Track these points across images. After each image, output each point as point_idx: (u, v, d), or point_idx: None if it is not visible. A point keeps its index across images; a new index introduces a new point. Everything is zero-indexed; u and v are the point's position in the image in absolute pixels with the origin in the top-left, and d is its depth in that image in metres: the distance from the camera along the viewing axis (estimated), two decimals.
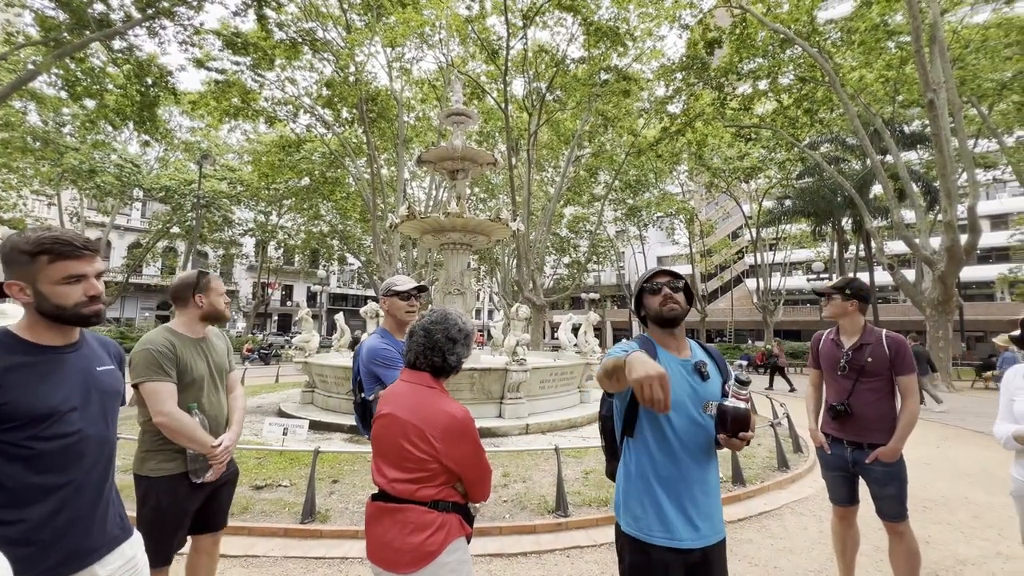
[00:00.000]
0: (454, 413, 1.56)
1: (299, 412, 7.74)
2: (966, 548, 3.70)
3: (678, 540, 1.52)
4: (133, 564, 1.44)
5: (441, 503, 1.55)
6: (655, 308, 1.67)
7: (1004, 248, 30.56)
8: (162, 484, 2.10)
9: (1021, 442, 2.19)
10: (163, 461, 2.11)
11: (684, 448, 1.57)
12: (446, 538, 1.52)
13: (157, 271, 34.38)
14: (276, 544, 3.50)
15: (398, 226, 8.88)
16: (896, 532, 2.63)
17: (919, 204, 15.81)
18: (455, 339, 1.68)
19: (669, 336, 1.69)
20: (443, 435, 1.53)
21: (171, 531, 2.12)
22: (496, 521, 3.86)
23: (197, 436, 2.09)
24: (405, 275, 2.92)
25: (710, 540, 1.56)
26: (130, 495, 3.96)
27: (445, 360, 1.66)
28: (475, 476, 1.61)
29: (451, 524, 1.55)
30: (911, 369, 2.62)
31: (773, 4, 16.34)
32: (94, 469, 1.37)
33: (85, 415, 1.35)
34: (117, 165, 23.92)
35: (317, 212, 29.99)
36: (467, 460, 1.58)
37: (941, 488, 5.17)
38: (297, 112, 20.71)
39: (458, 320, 1.71)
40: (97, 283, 1.38)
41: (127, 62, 14.46)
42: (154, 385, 2.05)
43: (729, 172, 26.43)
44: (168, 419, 2.04)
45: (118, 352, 1.61)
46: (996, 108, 19.03)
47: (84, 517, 1.32)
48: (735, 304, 37.57)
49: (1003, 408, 2.32)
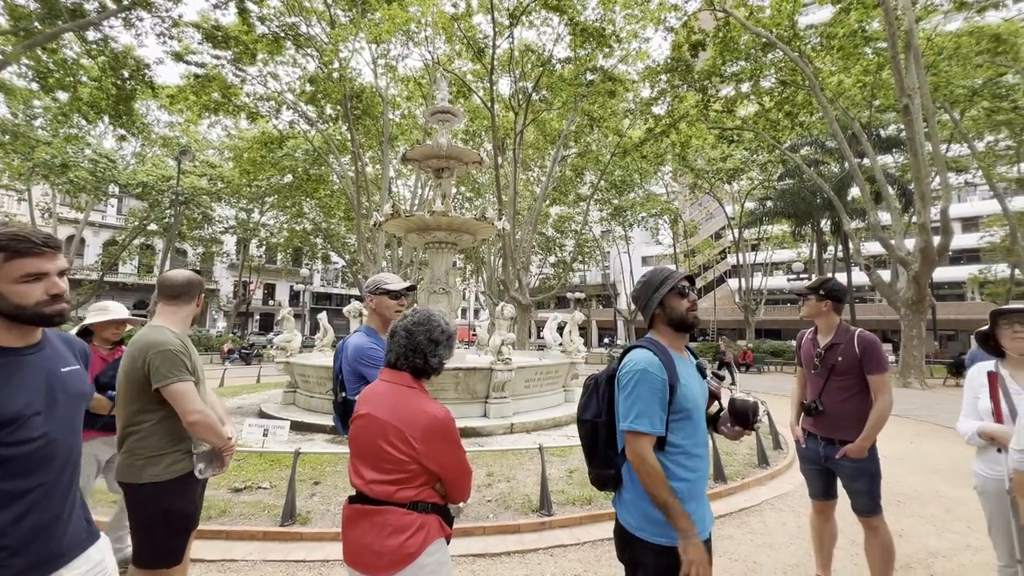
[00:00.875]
0: (435, 414, 1.54)
1: (280, 413, 7.62)
2: (937, 541, 3.80)
3: (699, 535, 1.56)
4: (101, 568, 1.40)
5: (420, 504, 1.53)
6: (680, 312, 1.68)
7: (975, 250, 31.58)
8: (174, 486, 2.08)
9: (985, 438, 2.26)
10: (173, 463, 2.08)
11: (702, 447, 1.66)
12: (425, 539, 1.50)
13: (134, 269, 33.51)
14: (255, 548, 3.44)
15: (382, 224, 8.79)
16: (870, 526, 2.68)
17: (895, 206, 16.25)
18: (437, 341, 1.66)
19: (681, 339, 1.73)
20: (423, 436, 1.51)
21: (185, 530, 2.15)
22: (480, 521, 3.85)
23: (220, 430, 2.14)
24: (391, 273, 2.91)
25: (708, 531, 1.64)
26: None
27: (427, 362, 1.64)
28: (455, 477, 1.60)
29: (430, 525, 1.53)
30: (882, 368, 2.65)
31: (756, 8, 16.62)
32: (62, 474, 1.32)
33: (50, 419, 1.30)
34: (91, 160, 23.24)
35: (300, 210, 29.58)
36: (447, 461, 1.56)
37: (914, 482, 5.32)
38: (280, 108, 20.39)
39: (441, 321, 1.69)
40: (59, 281, 1.33)
41: (102, 54, 14.05)
42: (184, 385, 2.05)
43: (712, 173, 26.82)
44: (203, 416, 2.05)
45: (83, 349, 1.55)
46: (967, 114, 19.65)
47: (50, 522, 1.28)
48: (718, 304, 38.13)
49: (967, 405, 2.38)
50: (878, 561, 2.67)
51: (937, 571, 3.31)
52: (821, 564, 2.98)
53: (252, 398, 10.02)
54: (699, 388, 1.67)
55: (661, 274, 1.73)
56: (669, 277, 1.71)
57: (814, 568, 3.05)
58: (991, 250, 28.23)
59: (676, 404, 1.59)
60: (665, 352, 1.65)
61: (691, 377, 1.66)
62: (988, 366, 2.37)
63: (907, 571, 3.29)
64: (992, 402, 2.27)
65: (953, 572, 3.29)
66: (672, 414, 1.59)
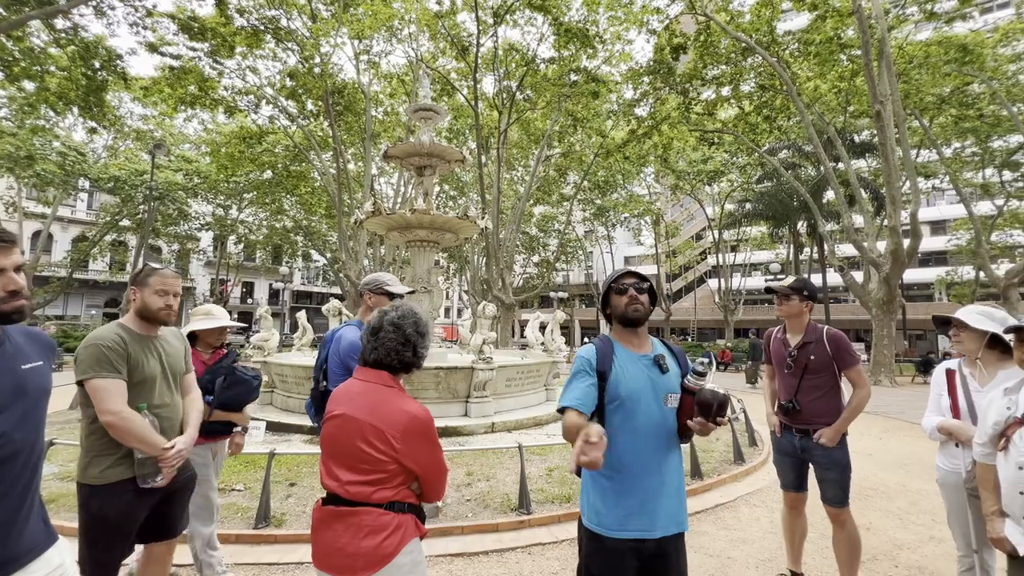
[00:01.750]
0: (415, 413, 1.54)
1: (257, 413, 7.46)
2: (903, 533, 3.93)
3: (632, 531, 1.56)
4: (60, 572, 1.37)
5: (397, 504, 1.52)
6: (620, 308, 1.73)
7: (942, 252, 32.73)
8: (106, 492, 1.94)
9: (944, 433, 2.35)
10: (108, 467, 1.95)
11: (644, 440, 1.62)
12: (402, 540, 1.49)
13: (105, 266, 32.45)
14: (226, 551, 3.35)
15: (364, 222, 8.70)
16: (838, 520, 2.76)
17: (867, 210, 16.72)
18: (423, 332, 1.67)
19: (632, 334, 1.75)
20: (403, 435, 1.49)
21: (116, 542, 1.98)
22: (458, 520, 3.84)
23: (148, 437, 1.95)
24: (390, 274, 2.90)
25: (667, 531, 1.59)
26: (65, 503, 3.71)
27: (416, 354, 1.64)
28: (433, 476, 1.60)
29: (407, 525, 1.53)
30: (855, 361, 2.75)
31: (736, 13, 16.92)
32: (21, 474, 1.29)
33: (10, 418, 1.26)
34: (60, 153, 22.39)
35: (280, 207, 29.04)
36: (426, 460, 1.56)
37: (882, 477, 5.49)
38: (259, 103, 19.97)
39: (422, 313, 1.71)
40: (16, 277, 1.28)
41: (71, 43, 13.54)
42: (101, 382, 1.91)
43: (693, 175, 27.24)
44: (116, 418, 1.89)
45: (48, 344, 1.50)
46: (936, 121, 20.34)
47: (6, 524, 1.25)
48: (698, 304, 38.72)
49: (931, 402, 2.48)
50: (845, 554, 2.75)
51: (902, 562, 3.42)
52: (792, 558, 3.05)
53: None
54: (644, 379, 1.66)
55: (610, 275, 1.81)
56: (610, 277, 1.79)
57: (786, 562, 3.12)
58: (957, 253, 29.30)
59: (609, 392, 1.64)
60: (609, 345, 1.72)
61: (634, 370, 1.67)
62: (950, 365, 2.46)
63: (874, 563, 3.39)
64: (950, 398, 2.36)
65: (917, 563, 3.40)
66: (608, 404, 1.65)
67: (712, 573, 3.25)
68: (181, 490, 2.22)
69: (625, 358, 1.68)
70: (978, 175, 24.24)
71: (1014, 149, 21.75)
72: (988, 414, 1.89)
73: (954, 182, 21.87)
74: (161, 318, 2.14)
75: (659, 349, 1.78)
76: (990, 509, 1.85)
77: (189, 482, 2.28)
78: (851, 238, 16.30)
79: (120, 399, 1.93)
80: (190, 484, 2.30)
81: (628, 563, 1.56)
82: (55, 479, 4.44)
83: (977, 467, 1.96)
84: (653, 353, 1.74)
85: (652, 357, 1.71)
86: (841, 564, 2.78)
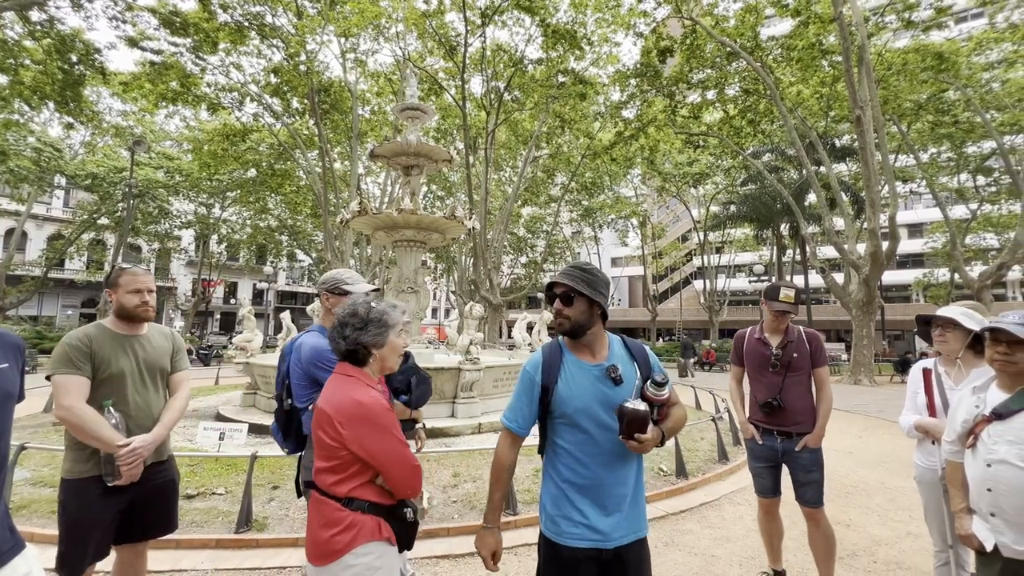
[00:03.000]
0: (360, 399, 1.53)
1: (239, 416, 7.35)
2: (882, 529, 4.01)
3: (586, 540, 1.52)
4: None
5: (356, 501, 1.52)
6: (553, 317, 1.66)
7: (919, 255, 33.61)
8: (72, 487, 1.96)
9: (921, 431, 2.41)
10: (76, 462, 1.97)
11: (594, 451, 1.55)
12: (354, 540, 1.48)
13: (82, 265, 31.62)
14: (206, 556, 3.29)
15: (350, 222, 8.60)
16: (814, 519, 2.82)
17: (847, 212, 17.10)
18: (367, 320, 1.66)
19: (579, 343, 1.63)
20: (348, 421, 1.50)
21: (80, 540, 1.93)
22: (445, 522, 3.82)
23: (100, 433, 1.91)
24: (354, 270, 2.78)
25: (624, 540, 1.54)
26: (37, 509, 3.61)
27: (360, 343, 1.64)
28: (388, 467, 1.53)
29: (363, 526, 1.50)
30: (826, 361, 2.92)
31: (721, 18, 17.16)
32: None
33: None
34: (35, 148, 21.79)
35: (264, 206, 28.62)
36: (374, 448, 1.52)
37: (862, 475, 5.59)
38: (243, 100, 19.64)
39: (364, 304, 1.69)
40: None
41: (47, 36, 13.20)
42: (60, 378, 1.94)
43: (679, 177, 27.54)
44: (68, 413, 1.90)
45: (14, 344, 1.46)
46: (913, 127, 20.89)
47: None
48: (684, 304, 39.14)
49: (908, 401, 2.54)
50: (823, 550, 2.81)
51: (880, 558, 3.49)
52: (772, 558, 3.10)
53: (210, 400, 9.62)
54: (592, 392, 1.55)
55: None
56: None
57: (767, 560, 3.16)
58: (934, 255, 30.11)
59: (553, 407, 1.59)
60: (558, 353, 1.63)
61: (580, 380, 1.57)
62: (926, 364, 2.51)
63: (853, 559, 3.45)
64: (927, 397, 2.41)
65: (895, 558, 3.48)
66: (554, 418, 1.61)
67: (697, 571, 3.28)
68: (159, 492, 2.16)
69: (574, 369, 1.58)
70: (953, 180, 24.93)
71: (987, 155, 22.43)
72: (957, 412, 1.93)
73: (930, 186, 22.46)
74: (139, 315, 2.15)
75: (615, 356, 1.62)
76: (958, 506, 1.89)
77: (167, 484, 2.22)
78: (832, 240, 16.64)
79: (76, 395, 1.93)
80: (169, 487, 2.23)
81: (584, 572, 1.51)
82: (27, 484, 4.29)
83: (947, 465, 2.00)
84: (607, 363, 1.59)
85: (605, 368, 1.57)
86: (819, 560, 2.83)
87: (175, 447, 5.95)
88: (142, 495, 2.08)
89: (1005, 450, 1.67)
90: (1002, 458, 1.67)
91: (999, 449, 1.68)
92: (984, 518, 1.75)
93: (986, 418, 1.76)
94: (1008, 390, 1.76)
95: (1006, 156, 18.57)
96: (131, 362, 2.09)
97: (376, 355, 1.66)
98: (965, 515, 1.85)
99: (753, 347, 2.98)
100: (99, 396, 1.99)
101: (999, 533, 1.68)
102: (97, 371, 2.00)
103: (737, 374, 3.14)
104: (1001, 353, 1.72)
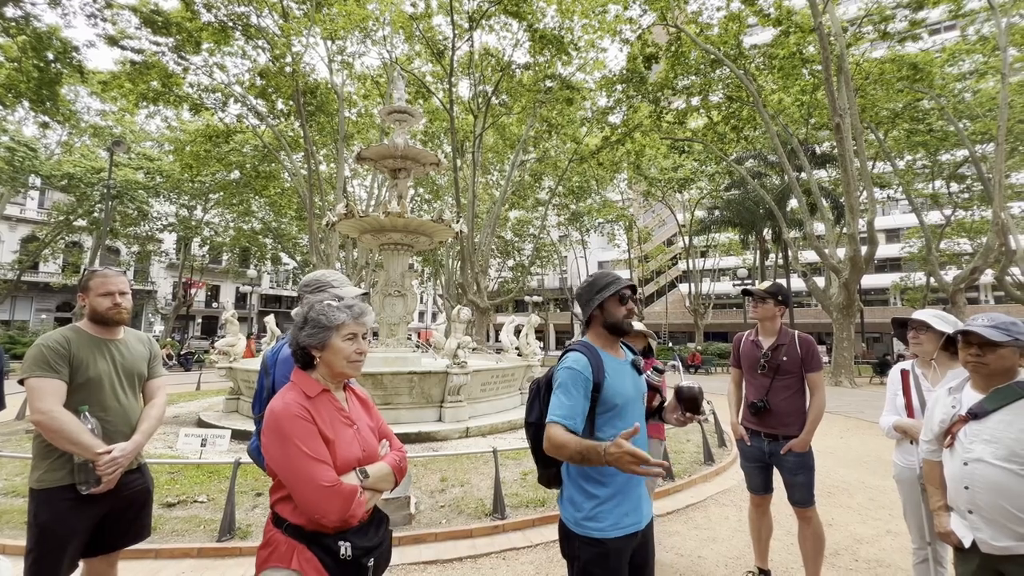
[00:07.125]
0: (272, 406, 1.44)
1: (222, 422, 7.20)
2: (862, 528, 4.09)
3: (628, 527, 1.60)
4: None
5: (276, 517, 1.45)
6: (617, 317, 1.73)
7: (897, 259, 34.47)
8: (43, 497, 1.87)
9: (899, 431, 2.47)
10: (48, 471, 1.88)
11: (636, 438, 1.59)
12: (266, 560, 1.41)
13: (58, 268, 30.74)
14: (187, 566, 3.22)
15: (336, 225, 8.53)
16: (804, 517, 2.86)
17: (828, 218, 17.45)
18: (305, 319, 1.56)
19: (613, 341, 1.78)
20: (264, 428, 1.42)
21: (53, 552, 1.85)
22: (432, 527, 3.78)
23: (80, 439, 1.85)
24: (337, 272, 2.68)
25: (649, 518, 1.70)
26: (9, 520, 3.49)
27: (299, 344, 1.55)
28: (290, 483, 1.39)
29: (275, 548, 1.40)
30: (819, 366, 2.91)
31: (705, 26, 17.45)
32: None
33: None
34: (8, 148, 21.16)
35: (248, 208, 28.17)
36: (276, 461, 1.40)
37: (843, 474, 5.70)
38: (227, 101, 19.34)
39: (309, 305, 1.60)
40: None
41: (22, 33, 12.86)
42: (35, 381, 1.86)
43: (664, 182, 27.87)
44: (45, 417, 1.82)
45: None
46: (890, 134, 21.46)
47: None
48: (669, 308, 39.54)
49: (888, 402, 2.60)
50: (810, 549, 2.85)
51: (861, 556, 3.55)
52: (759, 555, 3.14)
53: (191, 406, 9.43)
54: (631, 384, 1.72)
55: (606, 278, 1.77)
56: (613, 283, 1.74)
57: (754, 560, 3.20)
58: (910, 259, 30.89)
59: (603, 402, 1.64)
60: (595, 353, 1.69)
61: (621, 374, 1.70)
62: (905, 366, 2.58)
63: (835, 557, 3.51)
64: (905, 398, 2.48)
65: (875, 556, 3.54)
66: (601, 413, 1.65)
67: (683, 572, 3.30)
68: (134, 501, 2.09)
69: (613, 366, 1.70)
70: (928, 186, 25.66)
71: (960, 163, 23.14)
72: (934, 412, 1.98)
73: (907, 192, 23.08)
74: (112, 318, 2.08)
75: (627, 352, 1.85)
76: (936, 504, 1.94)
77: (143, 493, 2.15)
78: (813, 245, 16.98)
79: (53, 398, 1.86)
80: (144, 496, 2.16)
81: (625, 557, 1.61)
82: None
83: (924, 464, 2.06)
84: (629, 358, 1.80)
85: (631, 361, 1.78)
86: (806, 558, 2.88)
87: (155, 454, 5.86)
88: (120, 504, 2.02)
89: (981, 449, 1.71)
90: (979, 457, 1.72)
91: (976, 448, 1.73)
92: (962, 515, 1.79)
93: (963, 418, 1.81)
94: (981, 390, 1.81)
95: (978, 164, 19.18)
96: (109, 366, 2.03)
97: (319, 358, 1.53)
98: (943, 513, 1.89)
99: (747, 349, 3.04)
100: (75, 401, 1.92)
101: (976, 530, 1.72)
102: (75, 374, 1.94)
103: (736, 376, 3.18)
104: (973, 355, 1.78)
